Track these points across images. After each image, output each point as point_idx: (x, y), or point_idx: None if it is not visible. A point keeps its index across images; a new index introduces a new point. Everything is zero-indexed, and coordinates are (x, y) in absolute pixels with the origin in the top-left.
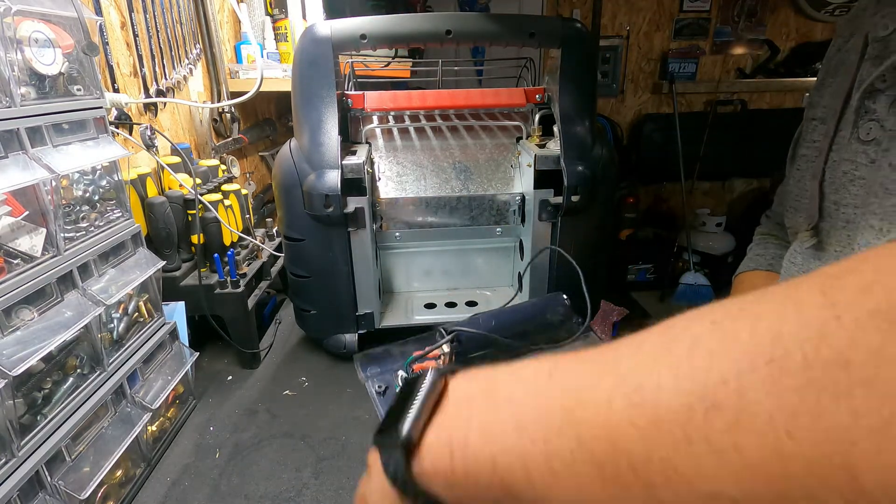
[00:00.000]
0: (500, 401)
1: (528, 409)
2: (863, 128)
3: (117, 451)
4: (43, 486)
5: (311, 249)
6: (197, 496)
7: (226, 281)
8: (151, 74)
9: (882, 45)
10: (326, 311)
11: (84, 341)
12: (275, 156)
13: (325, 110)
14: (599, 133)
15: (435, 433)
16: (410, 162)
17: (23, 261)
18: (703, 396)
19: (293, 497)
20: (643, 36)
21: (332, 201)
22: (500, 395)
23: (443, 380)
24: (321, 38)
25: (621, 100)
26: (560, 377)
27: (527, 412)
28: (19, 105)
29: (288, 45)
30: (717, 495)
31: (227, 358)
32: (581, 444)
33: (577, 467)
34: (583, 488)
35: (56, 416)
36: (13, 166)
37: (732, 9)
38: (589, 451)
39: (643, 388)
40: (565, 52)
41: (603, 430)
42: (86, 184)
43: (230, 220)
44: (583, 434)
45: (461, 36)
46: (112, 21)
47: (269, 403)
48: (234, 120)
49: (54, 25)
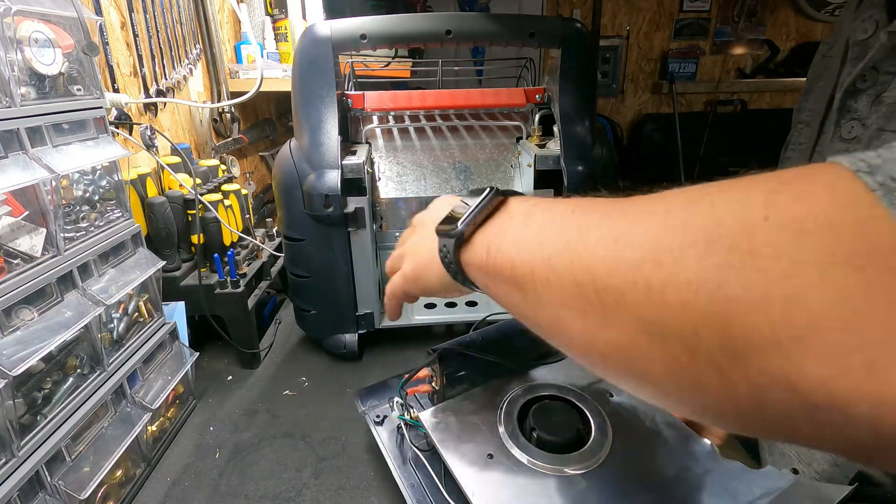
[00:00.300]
0: (532, 223)
1: (547, 233)
2: (845, 126)
3: (117, 451)
4: (43, 486)
5: (311, 249)
6: (197, 496)
7: (226, 281)
8: (151, 74)
9: (861, 47)
10: (326, 311)
11: (84, 341)
12: (275, 156)
13: (325, 110)
14: (599, 133)
15: (481, 235)
16: (410, 162)
17: (23, 261)
18: (654, 257)
19: (293, 497)
20: (643, 36)
21: (332, 201)
22: (534, 218)
23: (499, 199)
24: (321, 38)
25: (621, 100)
26: (575, 217)
27: (546, 235)
28: (19, 105)
29: (288, 45)
30: (643, 319)
31: (227, 358)
32: (571, 265)
33: (563, 281)
34: (564, 297)
35: (56, 416)
36: (13, 166)
37: (732, 9)
38: (573, 272)
39: (618, 241)
40: (565, 52)
41: (586, 261)
42: (86, 184)
43: (230, 220)
44: (574, 260)
45: (461, 36)
46: (112, 21)
47: (269, 403)
48: (234, 120)
49: (54, 25)
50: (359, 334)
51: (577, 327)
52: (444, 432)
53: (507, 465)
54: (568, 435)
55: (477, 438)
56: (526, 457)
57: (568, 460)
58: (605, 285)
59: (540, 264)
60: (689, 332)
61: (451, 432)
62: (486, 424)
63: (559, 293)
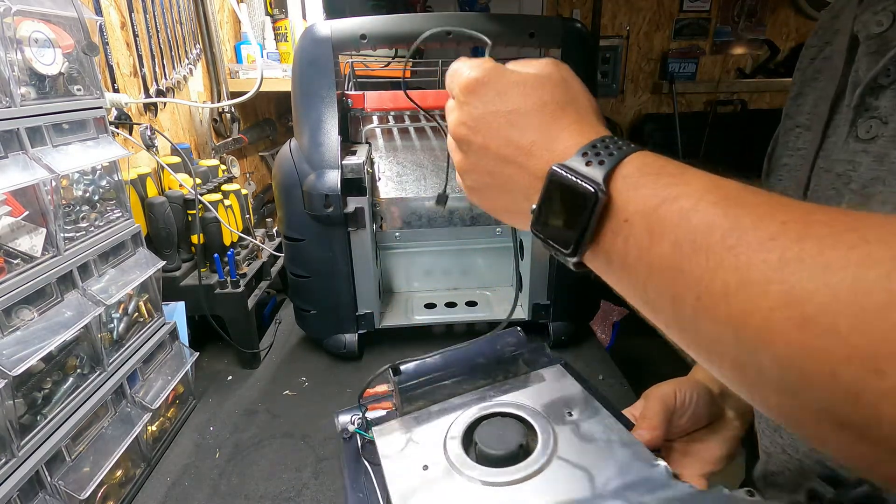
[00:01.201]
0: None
1: (693, 257)
2: (862, 126)
3: (117, 451)
4: (43, 486)
5: (311, 249)
6: (197, 496)
7: (226, 281)
8: (151, 74)
9: (879, 41)
10: (326, 311)
11: (84, 341)
12: (275, 156)
13: (325, 110)
14: None
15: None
16: (410, 162)
17: (23, 261)
18: (788, 300)
19: (293, 497)
20: (643, 36)
21: (332, 201)
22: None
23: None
24: (321, 38)
25: (621, 100)
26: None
27: (691, 261)
28: (19, 105)
29: (288, 45)
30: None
31: (227, 358)
32: (740, 305)
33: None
34: (721, 341)
35: (56, 416)
36: (13, 166)
37: (732, 9)
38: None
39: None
40: (565, 52)
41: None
42: (86, 184)
43: (230, 220)
44: (745, 301)
45: (461, 36)
46: (112, 21)
47: (269, 403)
48: (234, 120)
49: (54, 25)
50: (359, 334)
51: (728, 367)
52: (389, 446)
53: (438, 475)
54: (509, 448)
55: (419, 451)
56: (460, 467)
57: (503, 472)
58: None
59: (689, 296)
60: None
61: (397, 446)
62: (433, 439)
63: (713, 334)
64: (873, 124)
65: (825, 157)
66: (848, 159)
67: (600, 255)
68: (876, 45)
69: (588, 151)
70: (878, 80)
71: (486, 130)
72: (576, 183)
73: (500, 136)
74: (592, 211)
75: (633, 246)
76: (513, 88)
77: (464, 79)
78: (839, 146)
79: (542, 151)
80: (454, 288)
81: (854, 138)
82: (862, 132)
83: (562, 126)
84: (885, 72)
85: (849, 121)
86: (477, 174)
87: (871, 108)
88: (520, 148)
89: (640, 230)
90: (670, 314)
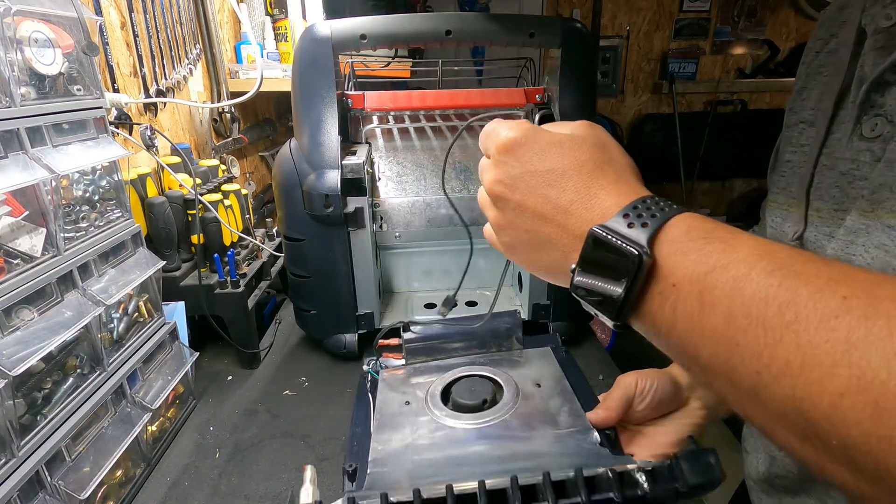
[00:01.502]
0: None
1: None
2: (867, 123)
3: (117, 451)
4: (43, 486)
5: (311, 249)
6: (197, 496)
7: (226, 281)
8: (151, 74)
9: (887, 35)
10: (326, 311)
11: (84, 341)
12: (275, 156)
13: (325, 110)
14: None
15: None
16: (410, 162)
17: (23, 261)
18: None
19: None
20: (643, 36)
21: (332, 201)
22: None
23: (648, 263)
24: (321, 38)
25: (621, 100)
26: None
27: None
28: (19, 105)
29: (288, 45)
30: None
31: (227, 358)
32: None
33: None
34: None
35: (56, 416)
36: (13, 166)
37: (732, 9)
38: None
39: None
40: (565, 52)
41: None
42: (86, 184)
43: (230, 220)
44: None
45: (461, 36)
46: (112, 21)
47: (269, 403)
48: (234, 120)
49: (54, 25)
50: (359, 334)
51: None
52: (387, 385)
53: (413, 410)
54: (474, 400)
55: (407, 392)
56: (433, 408)
57: (463, 417)
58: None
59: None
60: None
61: (392, 385)
62: (422, 385)
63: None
64: (878, 122)
65: (828, 155)
66: (852, 158)
67: (646, 318)
68: (884, 39)
69: (629, 213)
70: (885, 77)
71: (524, 189)
72: (619, 245)
73: (538, 195)
74: (637, 274)
75: (682, 313)
76: (550, 148)
77: (501, 139)
78: (843, 143)
79: (580, 210)
80: (454, 288)
81: (858, 136)
82: (867, 130)
83: (601, 185)
84: (893, 68)
85: (853, 117)
86: (514, 231)
87: (876, 105)
88: (558, 207)
89: (689, 297)
90: (726, 384)
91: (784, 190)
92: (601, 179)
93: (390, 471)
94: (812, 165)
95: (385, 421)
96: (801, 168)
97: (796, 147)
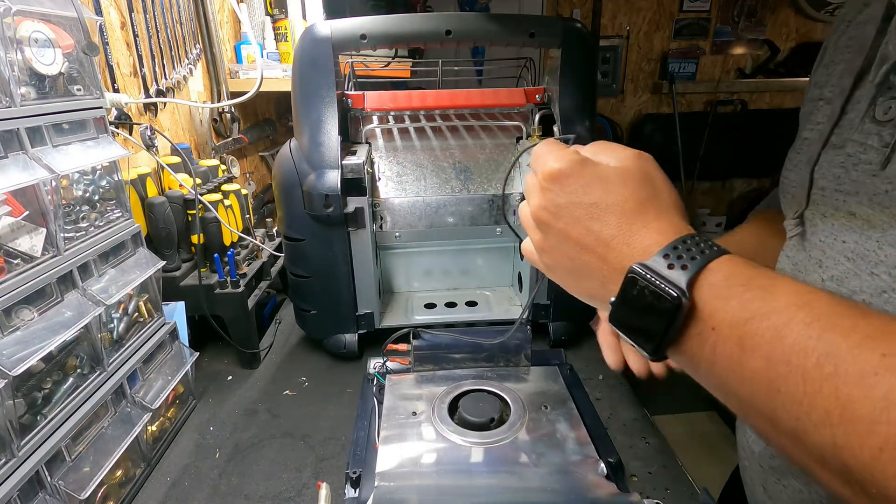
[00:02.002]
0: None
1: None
2: (881, 106)
3: (117, 451)
4: (43, 486)
5: (311, 249)
6: (197, 496)
7: (226, 281)
8: (151, 74)
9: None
10: (326, 311)
11: (84, 341)
12: (275, 156)
13: (325, 110)
14: (599, 133)
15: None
16: (410, 162)
17: (23, 261)
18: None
19: (293, 497)
20: (643, 36)
21: (332, 201)
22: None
23: (687, 305)
24: (321, 38)
25: (621, 100)
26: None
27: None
28: (19, 105)
29: (288, 45)
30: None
31: (227, 358)
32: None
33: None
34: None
35: (56, 416)
36: (13, 166)
37: (732, 9)
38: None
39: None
40: (565, 52)
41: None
42: (86, 184)
43: (230, 220)
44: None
45: (461, 36)
46: (112, 21)
47: (269, 403)
48: (234, 120)
49: (54, 25)
50: (359, 334)
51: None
52: (394, 392)
53: (420, 422)
54: (481, 418)
55: (413, 401)
56: (440, 421)
57: (470, 434)
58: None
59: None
60: None
61: (399, 393)
62: (429, 395)
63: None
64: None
65: (839, 134)
66: (861, 140)
67: (685, 356)
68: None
69: (670, 253)
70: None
71: (568, 219)
72: (658, 286)
73: (581, 226)
74: (675, 316)
75: (721, 355)
76: (596, 182)
77: (548, 168)
78: (855, 124)
79: (621, 246)
80: (454, 288)
81: (871, 118)
82: (880, 113)
83: (643, 223)
84: None
85: (870, 98)
86: (556, 255)
87: (894, 87)
88: (599, 239)
89: (729, 341)
90: (766, 424)
91: (796, 167)
92: (643, 216)
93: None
94: (821, 145)
95: (392, 431)
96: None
97: (813, 125)
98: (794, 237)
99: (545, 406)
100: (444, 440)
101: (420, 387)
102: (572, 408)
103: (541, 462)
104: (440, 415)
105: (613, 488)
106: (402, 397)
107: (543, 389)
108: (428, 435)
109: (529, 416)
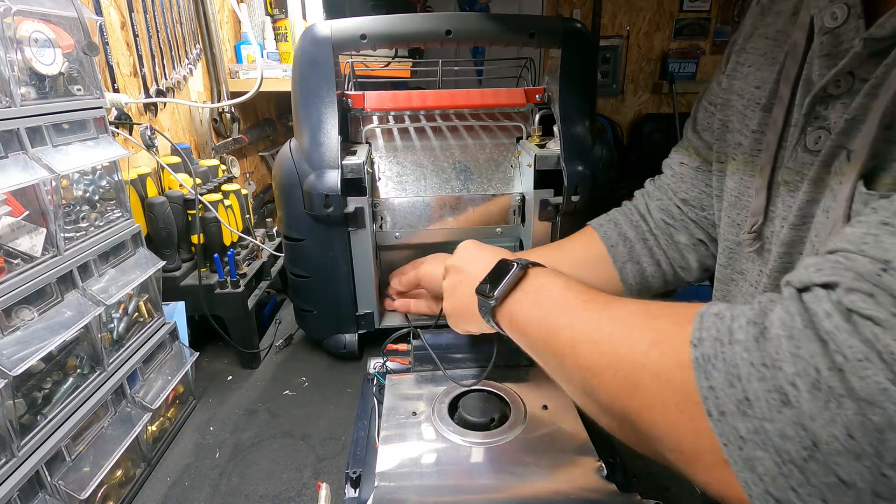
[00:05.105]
0: (544, 298)
1: (552, 312)
2: (811, 136)
3: (117, 451)
4: (43, 486)
5: (311, 249)
6: (197, 496)
7: (226, 281)
8: (151, 74)
9: (832, 40)
10: (326, 311)
11: (84, 341)
12: (275, 156)
13: (325, 110)
14: (599, 133)
15: (506, 306)
16: (410, 162)
17: (23, 261)
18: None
19: (293, 497)
20: (643, 36)
21: (333, 201)
22: (549, 295)
23: (525, 270)
24: (321, 38)
25: (621, 100)
26: (570, 308)
27: (550, 314)
28: (19, 105)
29: (288, 45)
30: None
31: (227, 358)
32: (563, 351)
33: (548, 346)
34: (545, 353)
35: (56, 416)
36: (13, 166)
37: (732, 9)
38: (565, 356)
39: (591, 339)
40: (565, 52)
41: (573, 352)
42: (86, 184)
43: (230, 220)
44: (559, 337)
45: (461, 36)
46: (112, 21)
47: (269, 403)
48: (234, 120)
49: (54, 25)
50: (359, 334)
51: (568, 388)
52: (394, 392)
53: (420, 422)
54: (481, 418)
55: (414, 401)
56: (440, 421)
57: (469, 434)
58: (586, 377)
59: (541, 333)
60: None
61: (399, 392)
62: (429, 395)
63: (555, 364)
64: (822, 135)
65: (782, 155)
66: (797, 169)
67: (505, 330)
68: (829, 43)
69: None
70: (829, 90)
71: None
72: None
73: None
74: (493, 309)
75: (516, 334)
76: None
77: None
78: (791, 150)
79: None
80: None
81: (803, 147)
82: (811, 142)
83: None
84: (836, 82)
85: (801, 126)
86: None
87: (820, 116)
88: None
89: (517, 326)
90: (566, 388)
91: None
92: None
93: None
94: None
95: (392, 431)
96: (755, 157)
97: (743, 130)
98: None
99: (545, 406)
100: (444, 440)
101: (420, 387)
102: (572, 408)
103: (541, 462)
104: (440, 415)
105: (613, 488)
106: (402, 397)
107: (544, 389)
108: (428, 435)
109: (529, 416)
